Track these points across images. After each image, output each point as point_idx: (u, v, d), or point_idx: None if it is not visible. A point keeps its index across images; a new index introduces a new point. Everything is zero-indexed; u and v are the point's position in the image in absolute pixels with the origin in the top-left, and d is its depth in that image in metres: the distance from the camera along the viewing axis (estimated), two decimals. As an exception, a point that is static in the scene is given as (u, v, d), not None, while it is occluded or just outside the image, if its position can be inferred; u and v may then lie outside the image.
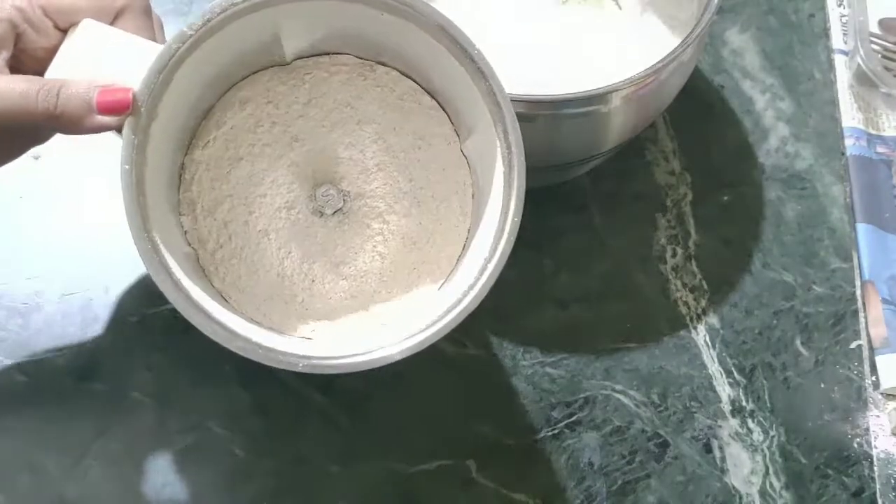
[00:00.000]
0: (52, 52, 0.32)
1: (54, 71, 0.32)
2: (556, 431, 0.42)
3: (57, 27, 0.33)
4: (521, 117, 0.38)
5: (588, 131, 0.40)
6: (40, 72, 0.32)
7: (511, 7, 0.50)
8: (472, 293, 0.33)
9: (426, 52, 0.34)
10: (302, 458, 0.41)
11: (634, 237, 0.48)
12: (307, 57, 0.38)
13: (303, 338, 0.36)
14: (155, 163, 0.33)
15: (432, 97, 0.38)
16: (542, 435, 0.42)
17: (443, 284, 0.36)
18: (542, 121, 0.38)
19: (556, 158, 0.42)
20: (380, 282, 0.38)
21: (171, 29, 0.52)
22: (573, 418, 0.43)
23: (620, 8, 0.51)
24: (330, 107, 0.38)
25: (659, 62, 0.38)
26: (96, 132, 0.31)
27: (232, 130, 0.37)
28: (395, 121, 0.38)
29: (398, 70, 0.38)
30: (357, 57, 0.38)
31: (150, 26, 0.34)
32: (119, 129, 0.31)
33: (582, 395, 0.43)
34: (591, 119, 0.39)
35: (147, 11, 0.34)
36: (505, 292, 0.45)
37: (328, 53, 0.38)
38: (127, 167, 0.31)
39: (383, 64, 0.38)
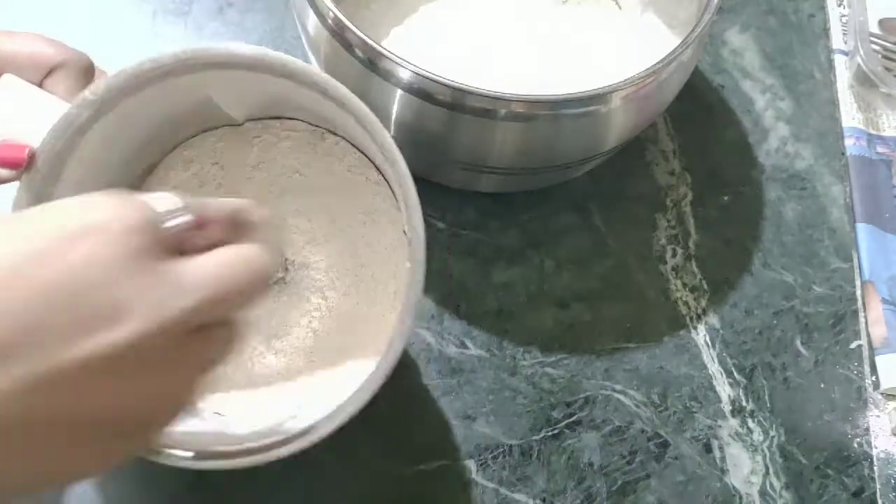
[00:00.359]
0: None
1: None
2: (556, 431, 0.42)
3: None
4: (521, 117, 0.38)
5: (588, 131, 0.40)
6: None
7: (511, 7, 0.50)
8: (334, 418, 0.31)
9: (365, 143, 0.33)
10: (301, 458, 0.41)
11: (634, 237, 0.48)
12: (258, 119, 0.37)
13: (215, 413, 0.35)
14: None
15: (379, 172, 0.37)
16: (542, 435, 0.42)
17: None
18: (542, 121, 0.38)
19: (556, 158, 0.42)
20: (307, 361, 0.37)
21: (172, 29, 0.52)
22: (573, 418, 0.43)
23: (620, 8, 0.51)
24: (278, 172, 0.38)
25: (659, 62, 0.38)
26: None
27: (174, 190, 0.36)
28: (343, 193, 0.38)
29: (348, 140, 0.37)
30: (309, 123, 0.37)
31: (82, 87, 0.33)
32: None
33: (582, 395, 0.43)
34: (591, 119, 0.39)
35: (84, 72, 0.33)
36: (505, 292, 0.46)
37: (280, 118, 0.37)
38: None
39: (333, 133, 0.37)
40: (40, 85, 0.32)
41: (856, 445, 0.44)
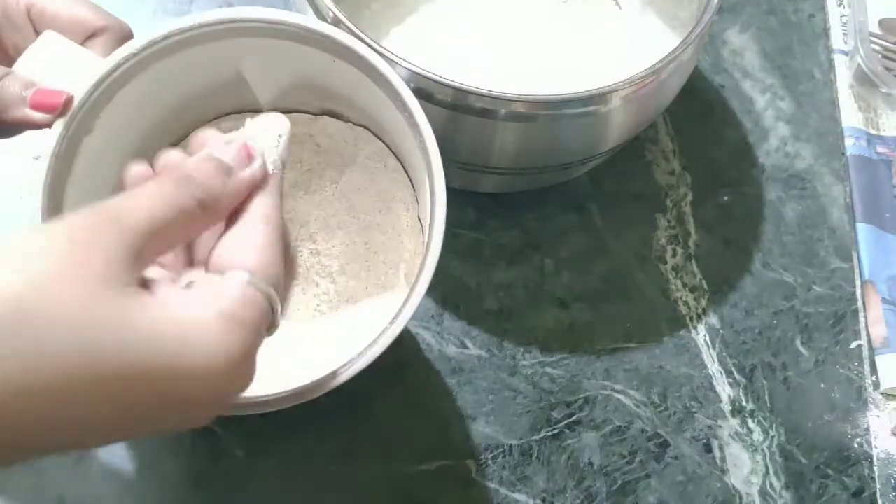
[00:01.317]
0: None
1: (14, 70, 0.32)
2: (556, 431, 0.42)
3: (35, 30, 0.33)
4: (521, 117, 0.38)
5: (588, 131, 0.40)
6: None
7: (511, 7, 0.50)
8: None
9: (387, 115, 0.34)
10: (302, 458, 0.41)
11: (634, 237, 0.48)
12: (288, 112, 0.37)
13: None
14: (88, 177, 0.32)
15: (398, 160, 0.38)
16: (542, 435, 0.42)
17: None
18: (542, 121, 0.38)
19: (556, 158, 0.42)
20: (309, 339, 0.37)
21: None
22: (573, 418, 0.43)
23: (620, 7, 0.51)
24: (298, 157, 0.38)
25: (659, 62, 0.38)
26: (22, 125, 0.32)
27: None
28: (360, 181, 0.38)
29: (371, 130, 0.38)
30: (332, 116, 0.38)
31: None
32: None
33: (582, 395, 0.43)
34: (591, 119, 0.39)
35: (123, 39, 0.34)
36: (505, 292, 0.46)
37: (309, 112, 0.38)
38: (42, 177, 0.31)
39: (355, 123, 0.38)
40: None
41: (856, 445, 0.44)
